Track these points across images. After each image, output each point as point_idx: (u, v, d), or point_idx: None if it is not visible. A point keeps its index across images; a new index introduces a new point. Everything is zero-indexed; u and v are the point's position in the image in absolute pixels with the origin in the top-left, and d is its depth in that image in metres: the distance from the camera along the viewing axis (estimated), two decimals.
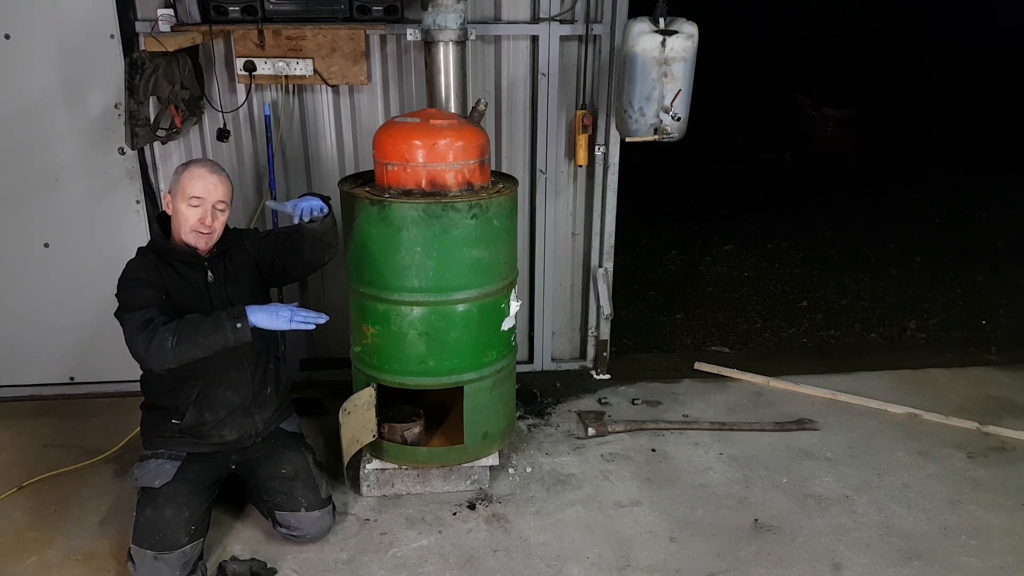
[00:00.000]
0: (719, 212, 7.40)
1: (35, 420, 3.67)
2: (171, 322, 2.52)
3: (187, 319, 2.54)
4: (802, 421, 3.69)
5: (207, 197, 2.66)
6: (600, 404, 3.87)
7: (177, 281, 2.69)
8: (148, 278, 2.63)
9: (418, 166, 2.80)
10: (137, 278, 2.64)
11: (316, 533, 2.84)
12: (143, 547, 2.59)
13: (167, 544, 2.58)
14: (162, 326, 2.50)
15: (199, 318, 2.54)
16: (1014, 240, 6.52)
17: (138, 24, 3.37)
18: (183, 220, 2.66)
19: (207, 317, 2.55)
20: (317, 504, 2.82)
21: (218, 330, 2.51)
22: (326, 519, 2.86)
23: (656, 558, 2.83)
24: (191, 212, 2.65)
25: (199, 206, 2.65)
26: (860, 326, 5.02)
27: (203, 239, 2.69)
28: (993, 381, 4.15)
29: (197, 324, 2.52)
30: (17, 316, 3.73)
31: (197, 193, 2.64)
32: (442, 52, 3.17)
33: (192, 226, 2.66)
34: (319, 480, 2.88)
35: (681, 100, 3.31)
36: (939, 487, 3.23)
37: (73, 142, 3.50)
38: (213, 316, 2.55)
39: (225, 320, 2.53)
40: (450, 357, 2.96)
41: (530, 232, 3.92)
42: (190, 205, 2.64)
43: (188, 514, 2.65)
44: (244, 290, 2.82)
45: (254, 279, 2.89)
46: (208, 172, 2.69)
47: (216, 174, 2.70)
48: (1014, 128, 9.22)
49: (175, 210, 2.68)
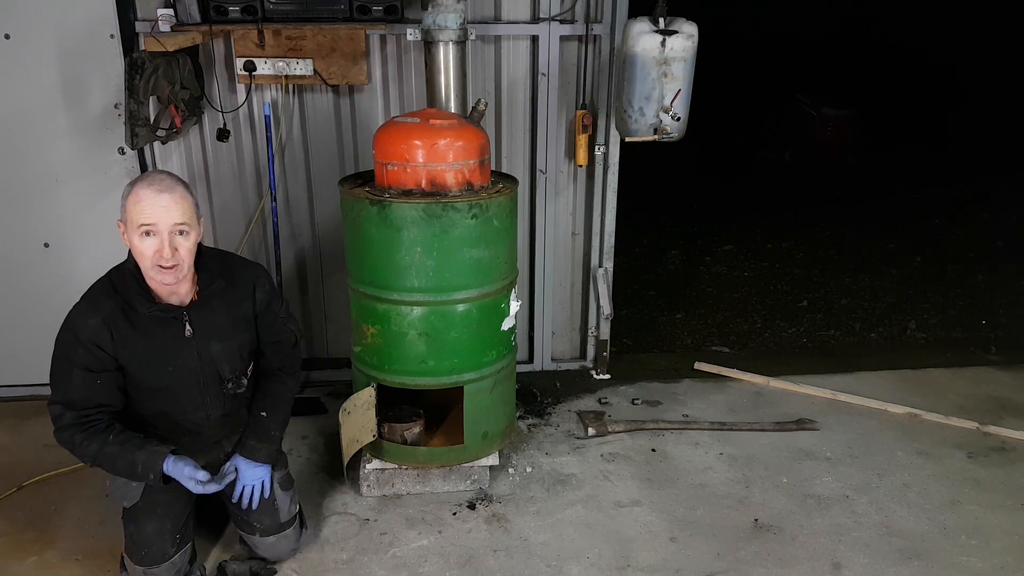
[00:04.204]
0: (719, 212, 7.40)
1: (35, 420, 3.66)
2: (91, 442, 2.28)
3: (105, 452, 2.30)
4: (802, 421, 3.69)
5: (159, 222, 2.19)
6: (600, 404, 3.87)
7: (135, 342, 2.30)
8: (85, 358, 2.26)
9: (418, 166, 2.80)
10: (70, 355, 2.27)
11: (276, 555, 2.70)
12: (133, 561, 2.52)
13: (154, 558, 2.50)
14: (80, 444, 2.28)
15: (116, 453, 2.31)
16: (1014, 240, 6.53)
17: (138, 24, 3.37)
18: (139, 255, 2.23)
19: (126, 457, 2.31)
20: (273, 529, 2.65)
21: (132, 473, 2.35)
22: (283, 543, 2.68)
23: (656, 558, 2.83)
24: (144, 244, 2.20)
25: (153, 234, 2.20)
26: (860, 326, 5.02)
27: (168, 274, 2.24)
28: (993, 381, 4.15)
29: (113, 462, 2.33)
30: (17, 316, 3.73)
31: (146, 220, 2.18)
32: (442, 52, 3.17)
33: (150, 261, 2.22)
34: (280, 503, 2.67)
35: (681, 100, 3.31)
36: (939, 487, 3.23)
37: (73, 142, 3.50)
38: (131, 460, 2.31)
39: (140, 473, 2.33)
40: (450, 357, 2.96)
41: (530, 232, 3.92)
42: (141, 235, 2.20)
43: (170, 525, 2.52)
44: (228, 350, 2.44)
45: (247, 338, 2.50)
46: (156, 192, 2.18)
47: (167, 192, 2.20)
48: (1014, 128, 9.22)
49: (130, 243, 2.24)
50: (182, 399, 2.45)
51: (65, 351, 2.30)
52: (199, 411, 2.50)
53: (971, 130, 9.87)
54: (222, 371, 2.47)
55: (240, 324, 2.48)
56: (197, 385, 2.45)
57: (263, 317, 2.54)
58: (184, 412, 2.48)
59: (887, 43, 12.06)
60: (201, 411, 2.50)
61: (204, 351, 2.41)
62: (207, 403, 2.50)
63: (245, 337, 2.51)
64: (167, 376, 2.39)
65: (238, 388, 2.53)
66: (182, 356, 2.39)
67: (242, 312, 2.48)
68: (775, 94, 10.95)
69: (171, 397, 2.44)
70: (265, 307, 2.54)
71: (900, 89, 11.21)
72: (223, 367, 2.47)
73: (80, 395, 2.31)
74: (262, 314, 2.53)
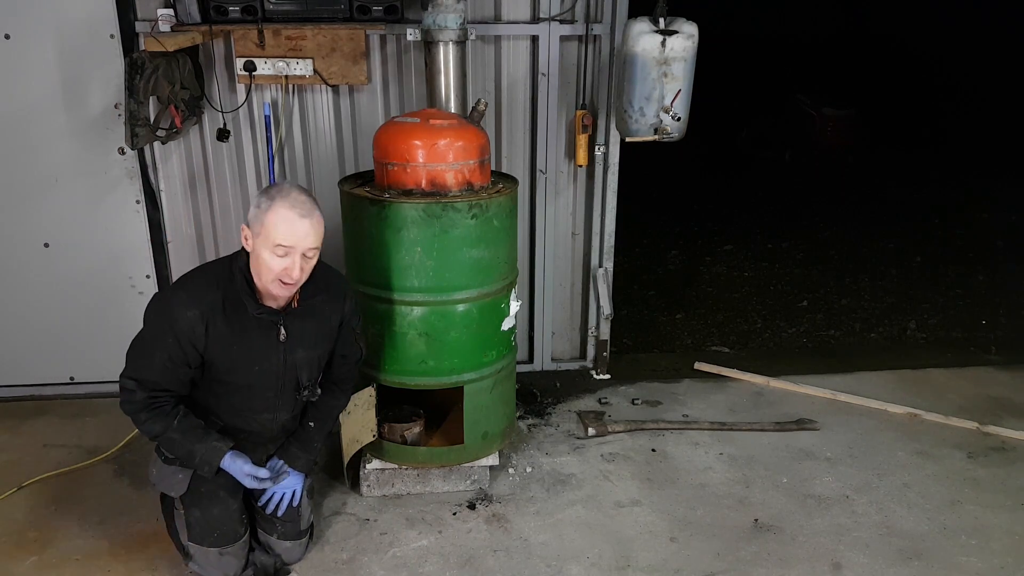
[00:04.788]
0: (719, 212, 7.41)
1: (35, 420, 3.67)
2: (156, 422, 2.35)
3: (167, 437, 2.37)
4: (802, 421, 3.69)
5: (296, 246, 2.25)
6: (600, 404, 3.87)
7: (230, 339, 2.34)
8: (172, 348, 2.29)
9: (418, 166, 2.80)
10: (158, 339, 2.29)
11: (287, 559, 2.74)
12: (204, 545, 2.55)
13: (227, 538, 2.56)
14: (145, 422, 2.35)
15: (178, 440, 2.38)
16: (1014, 240, 6.53)
17: (138, 24, 3.37)
18: (263, 267, 2.27)
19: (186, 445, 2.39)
20: (292, 535, 2.70)
21: (189, 461, 2.43)
22: (297, 550, 2.74)
23: (656, 558, 2.83)
24: (274, 261, 2.25)
25: (286, 255, 2.25)
26: (860, 326, 5.02)
27: (287, 289, 2.32)
28: (993, 381, 4.15)
29: (173, 446, 2.41)
30: (17, 316, 3.73)
31: (284, 241, 2.23)
32: (442, 52, 3.17)
33: (275, 276, 2.28)
34: (303, 510, 2.72)
35: (681, 100, 3.31)
36: (939, 487, 3.23)
37: (73, 142, 3.50)
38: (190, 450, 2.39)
39: (197, 463, 2.41)
40: (450, 357, 2.96)
41: (530, 232, 3.92)
42: (274, 254, 2.25)
43: (236, 505, 2.59)
44: (311, 358, 2.52)
45: (327, 350, 2.59)
46: (298, 216, 2.23)
47: (308, 217, 2.25)
48: (1014, 128, 9.23)
49: (254, 252, 2.28)
50: (257, 399, 2.50)
51: (155, 333, 2.32)
52: (267, 412, 2.55)
53: (971, 130, 9.87)
54: (301, 378, 2.54)
55: (326, 335, 2.56)
56: (275, 388, 2.50)
57: (343, 329, 2.62)
58: (254, 411, 2.53)
59: (887, 43, 12.07)
60: (270, 412, 2.55)
61: (290, 357, 2.47)
62: (278, 406, 2.55)
63: (327, 347, 2.60)
64: (252, 376, 2.44)
65: (312, 396, 2.61)
66: (270, 359, 2.44)
67: (330, 324, 2.56)
68: (775, 94, 10.96)
69: (248, 396, 2.49)
70: (348, 319, 2.62)
71: (900, 89, 11.22)
72: (303, 374, 2.54)
73: (157, 378, 2.34)
74: (344, 324, 2.61)
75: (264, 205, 2.25)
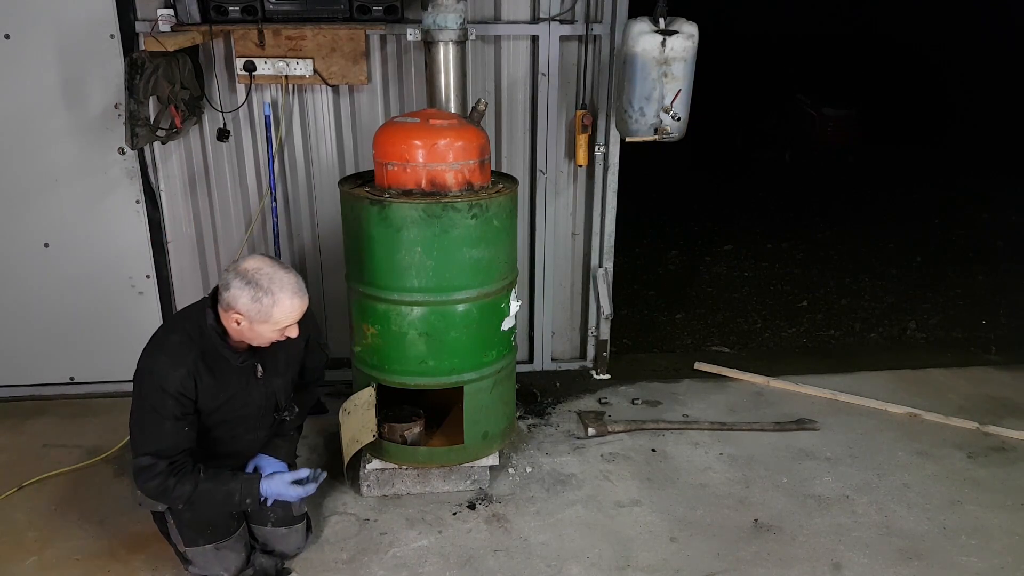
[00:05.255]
0: (719, 212, 7.40)
1: (35, 420, 3.67)
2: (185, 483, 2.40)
3: (201, 490, 2.42)
4: (802, 421, 3.69)
5: (297, 318, 2.44)
6: (600, 404, 3.87)
7: (217, 386, 2.47)
8: (174, 408, 2.38)
9: (418, 166, 2.80)
10: (160, 407, 2.37)
11: (284, 549, 2.76)
12: (200, 544, 2.58)
13: (221, 533, 2.61)
14: (174, 488, 2.39)
15: (212, 489, 2.45)
16: (1014, 240, 6.53)
17: (138, 24, 3.37)
18: (260, 339, 2.43)
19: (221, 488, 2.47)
20: (286, 521, 2.73)
21: (229, 502, 2.51)
22: (293, 536, 2.76)
23: (656, 558, 2.83)
24: (278, 335, 2.44)
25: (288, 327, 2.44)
26: (860, 326, 5.02)
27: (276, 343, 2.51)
28: (993, 381, 4.15)
29: (210, 498, 2.46)
30: (17, 316, 3.73)
31: (290, 322, 2.42)
32: (442, 52, 3.17)
33: (273, 340, 2.45)
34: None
35: (681, 100, 3.31)
36: (939, 487, 3.23)
37: (73, 142, 3.50)
38: (227, 491, 2.48)
39: (237, 501, 2.49)
40: (450, 357, 2.96)
41: (530, 232, 3.92)
42: (277, 330, 2.42)
43: None
44: (286, 383, 2.70)
45: (296, 371, 2.77)
46: (301, 298, 2.41)
47: (304, 292, 2.43)
48: (1014, 128, 9.22)
49: (254, 331, 2.40)
50: (239, 428, 2.63)
51: (153, 404, 2.39)
52: (250, 435, 2.68)
53: (971, 130, 9.87)
54: (280, 401, 2.70)
55: (293, 359, 2.72)
56: (256, 416, 2.65)
57: (309, 344, 2.77)
58: (236, 438, 2.65)
59: (887, 43, 12.06)
60: (252, 435, 2.69)
61: (269, 387, 2.63)
62: (259, 427, 2.69)
63: (296, 369, 2.76)
64: (235, 412, 2.57)
65: (291, 415, 2.76)
66: (253, 395, 2.59)
67: (297, 347, 2.68)
68: (775, 94, 10.95)
69: (232, 427, 2.60)
70: (310, 340, 2.77)
71: (900, 89, 11.21)
72: (281, 399, 2.70)
73: (171, 443, 2.41)
74: (308, 341, 2.76)
75: (266, 301, 2.34)
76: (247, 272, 2.35)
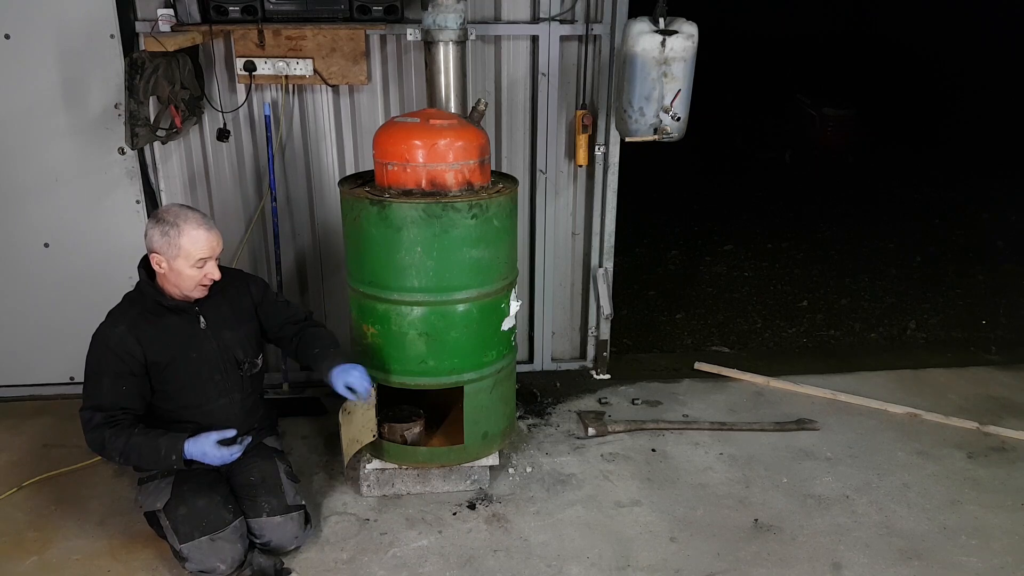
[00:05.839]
0: (719, 212, 7.40)
1: (35, 420, 3.67)
2: (119, 436, 2.53)
3: (132, 443, 2.53)
4: (802, 421, 3.70)
5: (213, 254, 2.60)
6: (600, 404, 3.87)
7: (161, 337, 2.62)
8: (114, 364, 2.55)
9: (418, 166, 2.80)
10: (100, 363, 2.56)
11: (280, 540, 2.75)
12: (194, 538, 2.60)
13: (215, 524, 2.63)
14: (109, 440, 2.52)
15: (142, 443, 2.54)
16: (1014, 240, 6.53)
17: (138, 24, 3.37)
18: (185, 280, 2.58)
19: (150, 443, 2.54)
20: (280, 510, 2.74)
21: (157, 459, 2.57)
22: (289, 525, 2.75)
23: (656, 558, 2.83)
24: (196, 272, 2.58)
25: (204, 264, 2.58)
26: (860, 326, 5.02)
27: (206, 291, 2.67)
28: (993, 381, 4.15)
29: (140, 451, 2.55)
30: (17, 316, 3.73)
31: (203, 254, 2.56)
32: (442, 52, 3.17)
33: (197, 283, 2.60)
34: (287, 487, 2.81)
35: (681, 100, 3.31)
36: (939, 487, 3.24)
37: (73, 142, 3.50)
38: (154, 446, 2.54)
39: (163, 456, 2.55)
40: (450, 357, 2.96)
41: (530, 232, 3.92)
42: (195, 267, 2.56)
43: (220, 497, 2.69)
44: (239, 337, 2.78)
45: (252, 328, 2.86)
46: (207, 229, 2.57)
47: (213, 228, 2.60)
48: (1014, 128, 9.23)
49: (173, 271, 2.56)
50: (207, 386, 2.72)
51: (94, 360, 2.59)
52: (222, 397, 2.76)
53: (971, 130, 9.87)
54: (237, 355, 2.78)
55: (243, 315, 2.82)
56: (220, 371, 2.74)
57: (264, 306, 2.89)
58: (209, 399, 2.74)
59: (887, 43, 12.07)
60: (224, 396, 2.76)
61: (219, 340, 2.73)
62: (229, 387, 2.77)
63: (251, 326, 2.85)
64: (192, 364, 2.68)
65: (253, 368, 2.86)
66: (203, 346, 2.70)
67: (242, 306, 2.82)
68: (775, 94, 10.96)
69: (198, 387, 2.71)
70: (262, 298, 2.89)
71: (900, 89, 11.21)
72: (237, 352, 2.78)
73: (108, 400, 2.57)
74: (262, 304, 2.88)
75: (172, 232, 2.53)
76: (157, 214, 2.58)
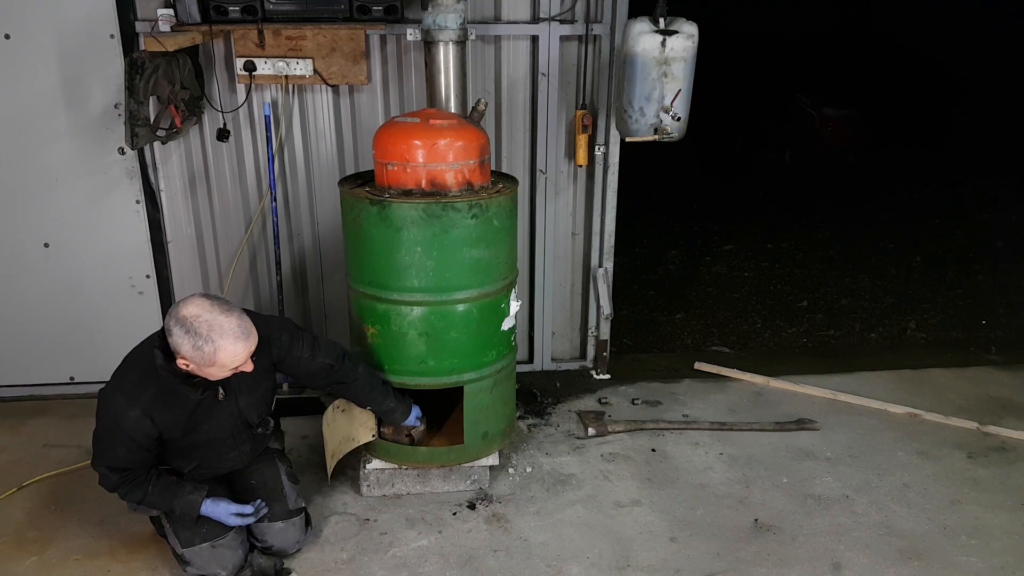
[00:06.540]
0: (719, 212, 7.40)
1: (35, 420, 3.67)
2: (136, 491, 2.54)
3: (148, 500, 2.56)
4: (802, 421, 3.69)
5: (245, 358, 2.42)
6: (600, 404, 3.87)
7: (178, 417, 2.49)
8: (127, 442, 2.43)
9: (418, 166, 2.80)
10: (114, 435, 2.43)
11: (282, 545, 2.76)
12: (195, 544, 2.61)
13: (217, 531, 2.63)
14: (126, 494, 2.54)
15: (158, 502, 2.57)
16: (1014, 240, 6.53)
17: (138, 24, 3.37)
18: (214, 376, 2.42)
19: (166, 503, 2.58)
20: (282, 515, 2.75)
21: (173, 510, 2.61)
22: (291, 531, 2.76)
23: (656, 558, 2.83)
24: (229, 372, 2.42)
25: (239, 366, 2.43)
26: (860, 326, 5.02)
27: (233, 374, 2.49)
28: (993, 381, 4.15)
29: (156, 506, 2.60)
30: (17, 316, 3.73)
31: (239, 364, 2.40)
32: (442, 52, 3.17)
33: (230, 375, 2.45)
34: (288, 492, 2.81)
35: (681, 100, 3.31)
36: (939, 487, 3.23)
37: (73, 142, 3.50)
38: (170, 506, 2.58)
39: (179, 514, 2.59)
40: (450, 357, 2.96)
41: (530, 232, 3.92)
42: (229, 370, 2.41)
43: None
44: (255, 400, 2.68)
45: (269, 385, 2.74)
46: (244, 339, 2.36)
47: (251, 334, 2.38)
48: (1014, 128, 9.22)
49: (202, 372, 2.39)
50: (219, 447, 2.68)
51: (108, 432, 2.47)
52: (233, 451, 2.73)
53: (971, 130, 9.86)
54: (251, 419, 2.71)
55: (261, 376, 2.63)
56: (232, 436, 2.69)
57: (286, 363, 2.72)
58: (220, 456, 2.71)
59: (887, 43, 12.06)
60: (234, 451, 2.73)
61: (234, 407, 2.64)
62: (239, 445, 2.73)
63: (267, 384, 2.74)
64: (203, 434, 2.60)
65: (266, 430, 2.81)
66: (217, 417, 2.60)
67: (261, 366, 2.59)
68: (775, 94, 10.95)
69: (211, 447, 2.66)
70: (283, 356, 2.70)
71: (900, 89, 11.20)
72: (251, 416, 2.71)
73: (121, 464, 2.51)
74: (283, 362, 2.71)
75: (207, 348, 2.31)
76: (186, 320, 2.30)
